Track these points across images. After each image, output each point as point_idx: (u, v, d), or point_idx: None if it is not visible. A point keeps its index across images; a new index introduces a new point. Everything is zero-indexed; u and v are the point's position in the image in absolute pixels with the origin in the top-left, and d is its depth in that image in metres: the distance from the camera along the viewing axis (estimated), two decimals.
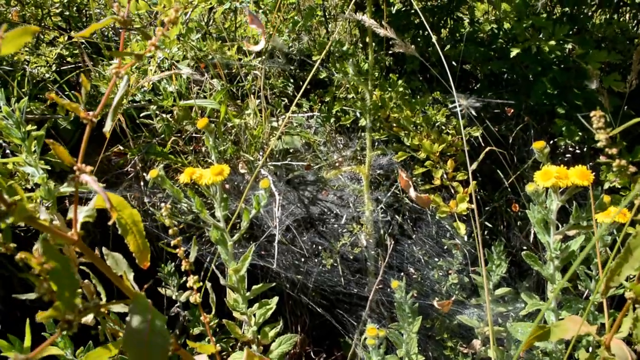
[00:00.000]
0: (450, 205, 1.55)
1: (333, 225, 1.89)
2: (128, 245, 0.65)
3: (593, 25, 2.06)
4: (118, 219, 0.62)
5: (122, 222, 0.64)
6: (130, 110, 1.98)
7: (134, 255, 0.66)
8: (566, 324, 0.95)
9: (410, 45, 1.31)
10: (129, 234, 0.64)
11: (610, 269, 0.78)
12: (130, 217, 0.64)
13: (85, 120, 0.58)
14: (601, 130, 0.76)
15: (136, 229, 0.64)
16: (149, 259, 0.66)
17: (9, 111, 1.30)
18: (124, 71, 0.58)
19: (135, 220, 0.64)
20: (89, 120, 0.58)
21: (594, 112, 0.77)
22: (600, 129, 0.76)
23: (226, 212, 1.32)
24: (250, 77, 2.13)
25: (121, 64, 0.60)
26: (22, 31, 0.46)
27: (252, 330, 1.48)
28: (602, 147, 0.76)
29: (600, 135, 0.76)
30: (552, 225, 1.22)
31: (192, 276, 0.80)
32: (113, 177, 2.04)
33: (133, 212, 0.64)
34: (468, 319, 1.67)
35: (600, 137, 0.76)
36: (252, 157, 1.95)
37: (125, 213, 0.64)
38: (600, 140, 0.75)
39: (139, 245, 0.65)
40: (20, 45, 0.47)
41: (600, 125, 0.76)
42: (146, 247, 0.65)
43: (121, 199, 0.64)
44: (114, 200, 0.63)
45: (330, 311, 1.88)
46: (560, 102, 1.85)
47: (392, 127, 1.79)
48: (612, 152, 0.76)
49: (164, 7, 1.64)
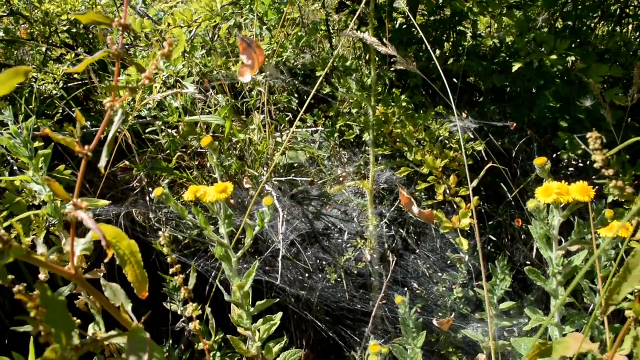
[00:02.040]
0: (453, 220, 1.56)
1: (337, 240, 1.90)
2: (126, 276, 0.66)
3: (596, 38, 2.07)
4: (116, 249, 0.63)
5: (120, 253, 0.64)
6: (136, 126, 2.01)
7: (133, 285, 0.67)
8: (568, 341, 0.95)
9: (411, 62, 1.32)
10: (127, 264, 0.65)
11: (609, 288, 0.78)
12: (128, 248, 0.64)
13: (81, 155, 0.58)
14: (597, 152, 0.76)
15: (134, 259, 0.65)
16: (147, 289, 0.67)
17: (17, 130, 1.32)
18: (118, 105, 0.59)
19: (133, 251, 0.65)
20: (84, 154, 0.58)
21: (590, 134, 0.77)
22: (596, 150, 0.77)
23: (230, 229, 1.33)
24: (255, 93, 2.15)
25: (115, 98, 0.60)
26: (13, 73, 0.47)
27: (257, 345, 1.48)
28: (599, 167, 0.76)
29: (597, 156, 0.76)
30: (554, 241, 1.23)
31: (192, 304, 0.80)
32: (119, 193, 2.05)
33: (131, 243, 0.65)
34: (473, 334, 1.67)
35: (597, 158, 0.76)
36: (256, 172, 1.96)
37: (123, 244, 0.64)
38: (597, 161, 0.76)
39: (138, 276, 0.65)
40: (13, 87, 0.48)
41: (596, 147, 0.76)
42: (144, 278, 0.66)
43: (118, 230, 0.64)
44: (111, 232, 0.63)
45: (335, 326, 1.88)
46: (563, 116, 1.85)
47: (396, 143, 1.80)
48: (608, 174, 0.76)
49: (168, 26, 1.66)
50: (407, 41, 2.07)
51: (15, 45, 2.39)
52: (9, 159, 1.81)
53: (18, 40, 2.36)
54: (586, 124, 1.83)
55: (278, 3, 2.24)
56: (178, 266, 0.80)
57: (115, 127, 0.60)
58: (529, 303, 1.73)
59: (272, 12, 2.30)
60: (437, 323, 1.56)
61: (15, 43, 2.38)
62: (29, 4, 2.40)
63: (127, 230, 1.91)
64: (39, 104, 2.06)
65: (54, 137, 0.61)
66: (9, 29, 2.39)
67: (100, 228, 0.60)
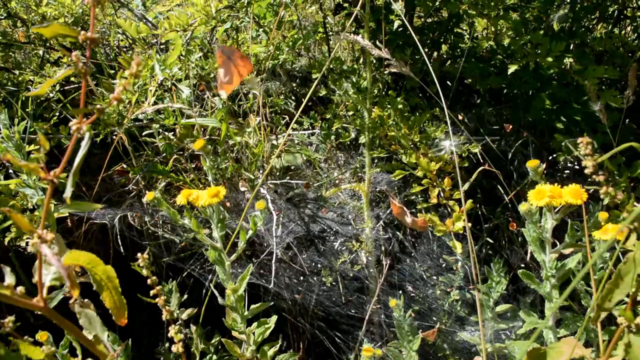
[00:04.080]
0: (447, 223, 1.55)
1: (333, 243, 1.89)
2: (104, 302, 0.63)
3: (594, 39, 2.07)
4: (92, 275, 0.60)
5: (96, 278, 0.62)
6: (132, 128, 2.01)
7: (111, 312, 0.64)
8: (562, 347, 0.95)
9: (405, 66, 1.32)
10: (104, 290, 0.62)
11: (601, 295, 0.78)
12: (104, 274, 0.62)
13: (46, 182, 0.55)
14: (588, 157, 0.76)
15: (112, 285, 0.62)
16: (126, 315, 0.64)
17: (9, 134, 1.32)
18: (85, 127, 0.56)
19: (110, 277, 0.62)
20: (50, 181, 0.55)
21: (580, 139, 0.77)
22: (587, 155, 0.76)
23: (223, 232, 1.33)
24: (251, 95, 2.15)
25: (82, 120, 0.57)
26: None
27: (251, 349, 1.48)
28: (590, 173, 0.76)
29: (588, 162, 0.76)
30: (547, 244, 1.22)
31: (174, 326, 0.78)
32: (116, 196, 2.05)
33: (107, 269, 0.62)
34: (469, 336, 1.66)
35: (588, 164, 0.75)
36: (252, 175, 1.96)
37: (98, 270, 0.61)
38: (588, 167, 0.75)
39: (116, 302, 0.63)
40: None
41: (587, 152, 0.76)
42: (122, 304, 0.63)
43: (92, 256, 0.61)
44: (85, 259, 0.60)
45: (331, 330, 1.87)
46: (559, 118, 1.85)
47: (391, 145, 1.79)
48: (599, 179, 0.76)
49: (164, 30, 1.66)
50: (403, 44, 2.07)
51: (12, 48, 2.39)
52: (4, 163, 1.81)
53: (15, 43, 2.37)
54: (582, 126, 1.83)
55: (275, 6, 2.24)
56: (159, 287, 0.79)
57: (82, 151, 0.57)
58: (525, 306, 1.72)
59: (269, 15, 2.30)
60: (423, 335, 1.55)
61: (12, 46, 2.38)
62: (26, 6, 2.40)
63: (122, 233, 1.91)
64: (36, 107, 2.06)
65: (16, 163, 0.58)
66: (6, 32, 2.40)
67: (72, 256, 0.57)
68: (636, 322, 0.78)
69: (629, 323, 0.79)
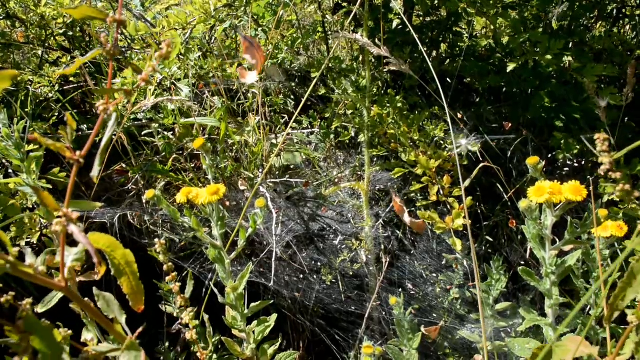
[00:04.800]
0: (447, 221, 1.55)
1: (333, 242, 1.89)
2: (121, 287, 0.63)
3: (593, 38, 2.07)
4: (111, 259, 0.60)
5: (115, 262, 0.61)
6: (131, 128, 2.00)
7: (128, 297, 0.64)
8: (568, 344, 0.95)
9: (404, 64, 1.32)
10: (123, 275, 0.62)
11: (613, 294, 0.77)
12: (123, 258, 0.62)
13: (72, 161, 0.56)
14: (605, 154, 0.75)
15: (130, 270, 0.62)
16: (143, 301, 0.64)
17: (9, 133, 1.32)
18: (112, 108, 0.56)
19: (129, 261, 0.62)
20: (76, 160, 0.56)
21: (597, 135, 0.75)
22: (604, 152, 0.75)
23: (223, 230, 1.33)
24: (251, 95, 2.15)
25: (108, 101, 0.57)
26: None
27: (251, 347, 1.48)
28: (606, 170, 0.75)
29: (604, 159, 0.74)
30: (547, 241, 1.22)
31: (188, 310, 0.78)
32: (115, 195, 2.05)
33: (126, 253, 0.62)
34: (469, 334, 1.66)
35: (604, 160, 0.74)
36: (252, 174, 1.96)
37: (117, 254, 0.61)
38: (604, 164, 0.74)
39: (134, 287, 0.62)
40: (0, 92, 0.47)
41: (604, 149, 0.74)
42: (140, 290, 0.63)
43: (112, 239, 0.61)
44: (105, 242, 0.60)
45: (331, 328, 1.87)
46: (558, 116, 1.85)
47: (390, 143, 1.79)
48: (615, 177, 0.75)
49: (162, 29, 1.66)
50: (402, 42, 2.07)
51: (11, 49, 2.39)
52: (4, 162, 1.81)
53: (14, 44, 2.36)
54: (581, 124, 1.83)
55: (274, 5, 2.24)
56: (174, 274, 0.79)
57: (109, 131, 0.57)
58: (525, 303, 1.72)
59: (268, 14, 2.30)
60: (425, 330, 1.55)
61: (11, 46, 2.38)
62: (25, 7, 2.40)
63: (122, 232, 1.91)
64: (35, 106, 2.06)
65: (43, 142, 0.58)
66: (5, 32, 2.40)
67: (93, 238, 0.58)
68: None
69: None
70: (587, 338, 1.36)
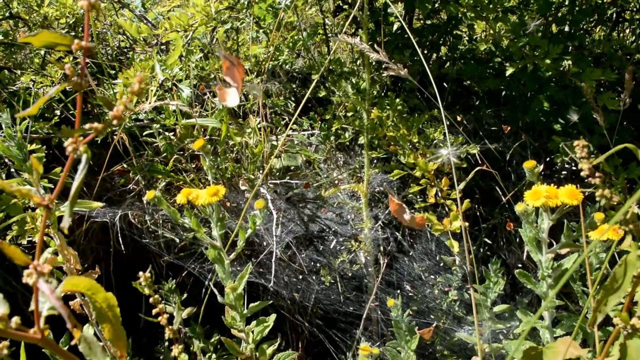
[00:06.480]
0: (444, 223, 1.57)
1: (332, 243, 1.90)
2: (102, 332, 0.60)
3: (592, 42, 2.08)
4: (92, 302, 0.57)
5: (96, 306, 0.58)
6: (133, 128, 2.02)
7: (110, 343, 0.60)
8: (558, 346, 0.96)
9: (403, 68, 1.33)
10: (104, 320, 0.59)
11: (597, 298, 0.79)
12: (105, 301, 0.58)
13: (41, 207, 0.51)
14: (584, 160, 0.76)
15: (112, 314, 0.59)
16: (125, 348, 0.61)
17: (11, 133, 1.33)
18: (82, 148, 0.51)
19: (111, 305, 0.59)
20: (44, 206, 0.51)
21: (576, 142, 0.77)
22: (582, 158, 0.76)
23: (223, 231, 1.34)
24: (251, 96, 2.17)
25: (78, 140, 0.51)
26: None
27: (250, 347, 1.49)
28: (585, 176, 0.76)
29: (583, 165, 0.76)
30: (544, 244, 1.23)
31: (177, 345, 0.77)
32: (116, 195, 2.07)
33: (108, 296, 0.59)
34: (467, 336, 1.67)
35: (583, 166, 0.76)
36: (252, 175, 1.97)
37: (99, 297, 0.58)
38: (584, 169, 0.76)
39: (116, 333, 0.59)
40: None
41: (583, 155, 0.76)
42: (122, 336, 0.60)
43: (93, 282, 0.58)
44: (86, 284, 0.57)
45: (329, 328, 1.89)
46: (557, 119, 1.86)
47: (390, 145, 1.81)
48: (595, 181, 0.76)
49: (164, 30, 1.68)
50: (402, 45, 2.08)
51: (14, 48, 2.41)
52: (6, 161, 1.82)
53: (17, 44, 2.38)
54: (580, 128, 1.84)
55: (275, 8, 2.26)
56: (161, 306, 0.79)
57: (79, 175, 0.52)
58: (522, 306, 1.73)
59: (269, 16, 2.31)
60: (419, 333, 1.56)
61: (14, 46, 2.39)
62: (27, 7, 2.42)
63: (123, 232, 1.92)
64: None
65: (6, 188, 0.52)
66: (7, 32, 2.41)
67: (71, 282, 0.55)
68: (631, 323, 0.78)
69: (625, 324, 0.80)
70: (584, 341, 1.38)
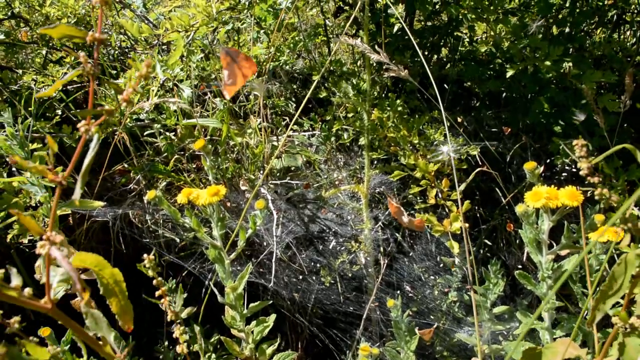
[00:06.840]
0: (444, 224, 1.57)
1: (332, 243, 1.91)
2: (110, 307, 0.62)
3: (592, 44, 2.08)
4: (99, 278, 0.59)
5: (103, 281, 0.60)
6: (134, 128, 2.02)
7: (117, 317, 0.62)
8: (557, 347, 0.96)
9: (403, 70, 1.34)
10: (111, 295, 0.60)
11: (596, 298, 0.79)
12: (111, 277, 0.60)
13: (54, 184, 0.54)
14: (583, 160, 0.77)
15: (118, 289, 0.60)
16: (132, 321, 0.63)
17: (13, 132, 1.33)
18: (94, 129, 0.54)
19: (117, 280, 0.60)
20: (58, 183, 0.54)
21: (576, 142, 0.77)
22: (582, 157, 0.77)
23: (223, 231, 1.35)
24: (252, 97, 2.17)
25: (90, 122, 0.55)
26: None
27: (250, 347, 1.49)
28: (585, 175, 0.77)
29: (583, 164, 0.76)
30: (544, 245, 1.24)
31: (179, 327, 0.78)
32: (117, 195, 2.07)
33: (114, 272, 0.60)
34: (466, 337, 1.67)
35: (583, 166, 0.76)
36: (252, 175, 1.97)
37: (105, 273, 0.60)
38: (583, 169, 0.76)
39: (122, 307, 0.61)
40: None
41: (582, 154, 0.76)
42: (129, 309, 0.62)
43: (100, 258, 0.60)
44: (93, 260, 0.59)
45: (329, 328, 1.89)
46: (558, 121, 1.86)
47: (390, 146, 1.81)
48: (594, 181, 0.76)
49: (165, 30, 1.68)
50: (403, 47, 2.08)
51: (15, 48, 2.41)
52: (8, 160, 1.82)
53: (18, 43, 2.38)
54: (580, 130, 1.84)
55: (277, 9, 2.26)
56: (164, 288, 0.80)
57: (91, 153, 0.55)
58: (522, 307, 1.74)
59: (270, 17, 2.31)
60: (419, 333, 1.56)
61: (15, 46, 2.40)
62: (29, 7, 2.42)
63: (123, 231, 1.92)
64: (38, 106, 2.08)
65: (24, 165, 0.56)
66: (9, 32, 2.41)
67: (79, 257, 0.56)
68: (630, 322, 0.79)
69: (624, 323, 0.80)
70: (584, 342, 1.38)
